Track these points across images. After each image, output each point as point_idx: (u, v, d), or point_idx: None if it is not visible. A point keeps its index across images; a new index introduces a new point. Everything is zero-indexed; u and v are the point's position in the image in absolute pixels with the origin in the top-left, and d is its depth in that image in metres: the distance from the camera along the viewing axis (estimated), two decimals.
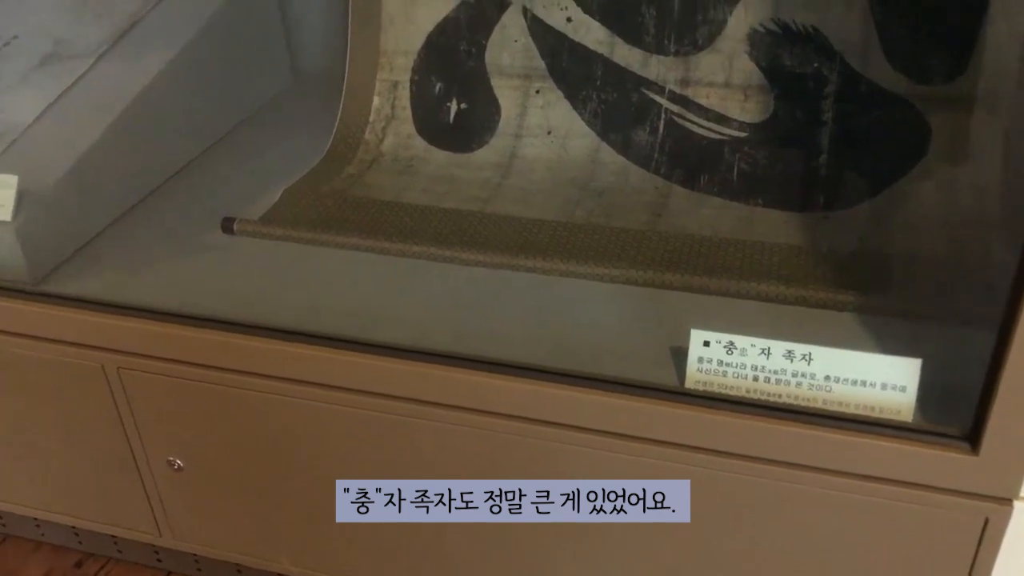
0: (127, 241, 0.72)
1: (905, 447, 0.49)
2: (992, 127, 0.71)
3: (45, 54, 0.82)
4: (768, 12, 0.75)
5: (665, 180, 0.77)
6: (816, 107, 0.75)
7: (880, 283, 0.63)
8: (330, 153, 0.83)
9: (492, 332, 0.60)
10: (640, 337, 0.59)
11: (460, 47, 0.83)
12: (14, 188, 0.65)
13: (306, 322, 0.61)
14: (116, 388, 0.63)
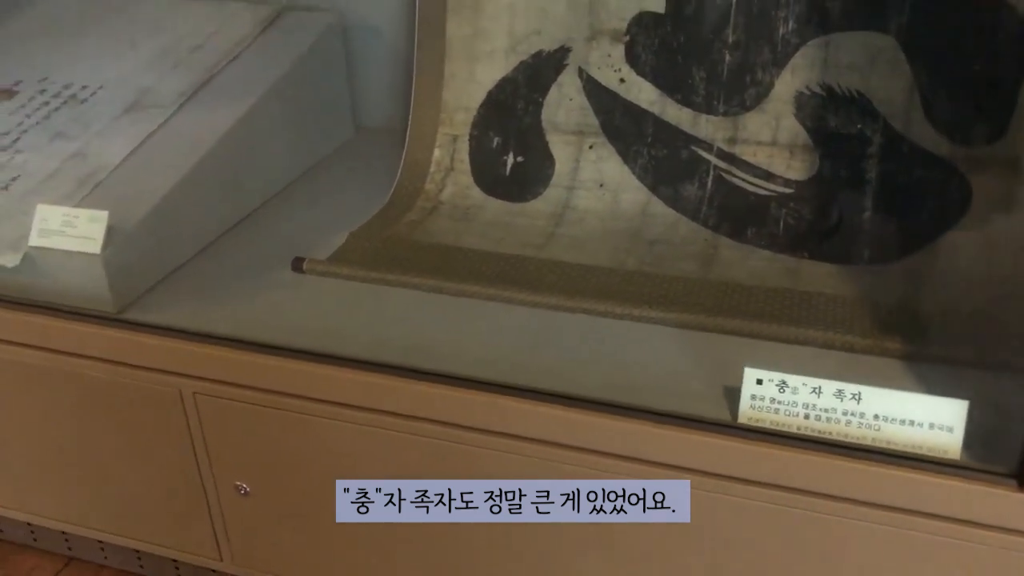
0: (203, 276, 0.76)
1: (953, 483, 0.51)
2: None
3: (129, 103, 0.88)
4: (814, 76, 0.79)
5: (714, 232, 0.80)
6: (860, 166, 0.78)
7: (924, 331, 0.66)
8: (392, 200, 0.87)
9: (550, 368, 0.63)
10: (692, 377, 0.62)
11: (518, 104, 0.87)
12: (104, 223, 0.69)
13: (371, 353, 0.64)
14: (191, 413, 0.67)
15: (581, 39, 0.85)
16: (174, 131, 0.83)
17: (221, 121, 0.84)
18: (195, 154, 0.80)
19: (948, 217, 0.75)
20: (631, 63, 0.84)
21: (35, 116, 0.87)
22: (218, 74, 0.90)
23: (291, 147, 0.93)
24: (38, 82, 0.92)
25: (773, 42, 0.79)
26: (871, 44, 0.77)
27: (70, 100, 0.89)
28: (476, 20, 0.87)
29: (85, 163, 0.80)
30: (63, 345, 0.69)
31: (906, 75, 0.76)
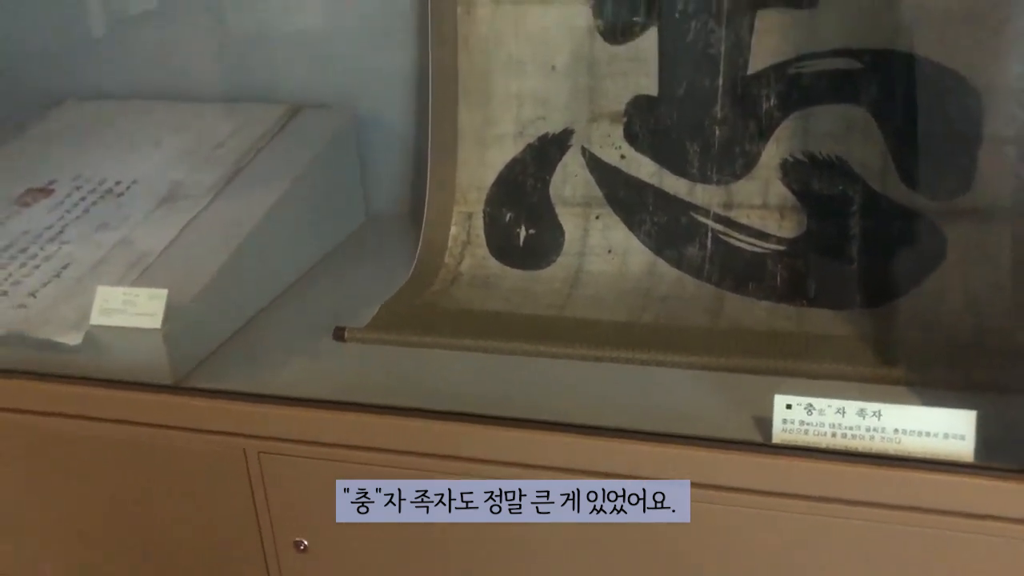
0: (250, 347, 0.81)
1: (972, 481, 0.57)
2: (998, 233, 0.82)
3: (164, 195, 0.93)
4: (796, 145, 0.88)
5: (717, 288, 0.88)
6: (844, 223, 0.87)
7: (918, 360, 0.73)
8: (415, 274, 0.93)
9: (591, 408, 0.68)
10: (724, 410, 0.68)
11: (527, 182, 0.95)
12: (164, 300, 0.74)
13: (424, 404, 0.69)
14: (254, 472, 0.71)
15: (583, 121, 0.93)
16: (211, 219, 0.89)
17: (254, 210, 0.90)
18: (235, 239, 0.86)
19: (928, 263, 0.83)
20: (630, 141, 0.92)
21: (75, 211, 0.93)
22: (244, 168, 0.97)
23: (313, 232, 0.99)
24: (71, 180, 0.98)
25: (758, 117, 0.88)
26: (846, 115, 0.86)
27: (106, 195, 0.95)
28: (486, 109, 0.95)
29: (131, 250, 0.85)
30: (124, 415, 0.73)
31: (879, 141, 0.86)
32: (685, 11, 0.88)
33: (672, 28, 0.89)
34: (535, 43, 0.93)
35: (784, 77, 0.87)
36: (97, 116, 1.11)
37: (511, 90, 0.94)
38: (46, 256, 0.86)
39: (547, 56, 0.93)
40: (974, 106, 0.82)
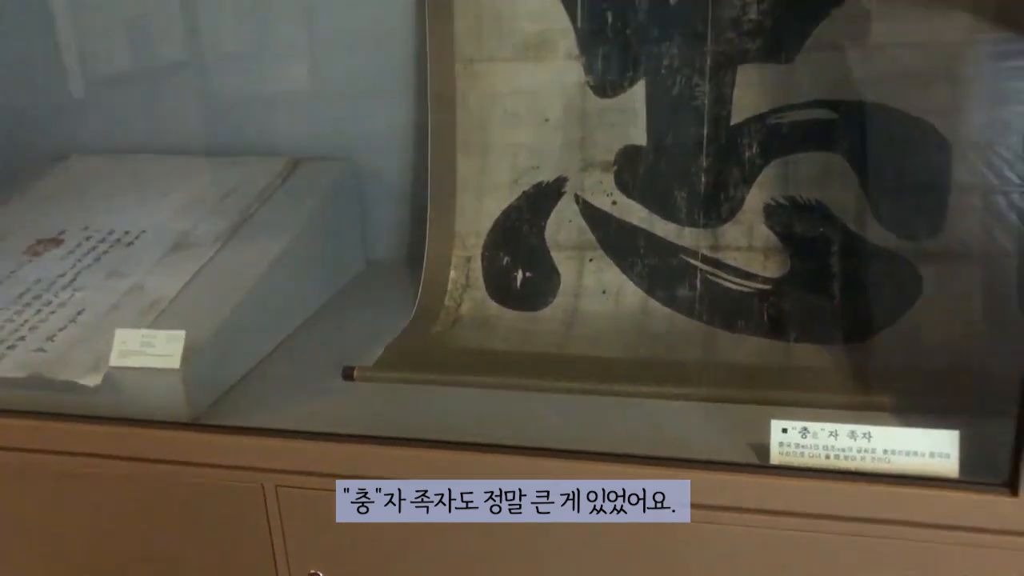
0: (263, 386, 0.84)
1: (958, 495, 0.61)
2: (968, 272, 0.88)
3: (173, 244, 0.97)
4: (778, 190, 0.93)
5: (708, 325, 0.92)
6: (825, 263, 0.92)
7: (900, 388, 0.77)
8: (416, 317, 0.97)
9: (595, 438, 0.72)
10: (723, 436, 0.71)
11: (523, 228, 0.99)
12: (182, 341, 0.77)
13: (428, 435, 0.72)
14: (271, 505, 0.73)
15: (575, 170, 0.98)
16: (220, 267, 0.92)
17: (261, 257, 0.93)
18: (244, 285, 0.89)
19: (905, 300, 0.88)
20: (620, 188, 0.97)
21: (86, 259, 0.96)
22: (250, 218, 1.00)
23: (317, 277, 1.03)
24: (81, 231, 1.01)
25: (741, 164, 0.94)
26: (824, 162, 0.91)
27: (116, 244, 0.98)
28: (483, 159, 1.00)
29: (144, 295, 0.88)
30: (143, 453, 0.75)
31: (855, 186, 0.91)
32: (671, 67, 0.94)
33: (659, 82, 0.94)
34: (529, 98, 0.98)
35: (765, 127, 0.92)
36: (102, 170, 1.15)
37: (507, 141, 0.99)
38: (60, 303, 0.88)
39: (541, 109, 0.98)
40: (943, 154, 0.88)
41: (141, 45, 1.21)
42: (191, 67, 1.19)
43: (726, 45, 0.91)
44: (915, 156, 0.89)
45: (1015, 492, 0.60)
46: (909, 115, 0.88)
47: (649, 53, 0.94)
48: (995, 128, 0.89)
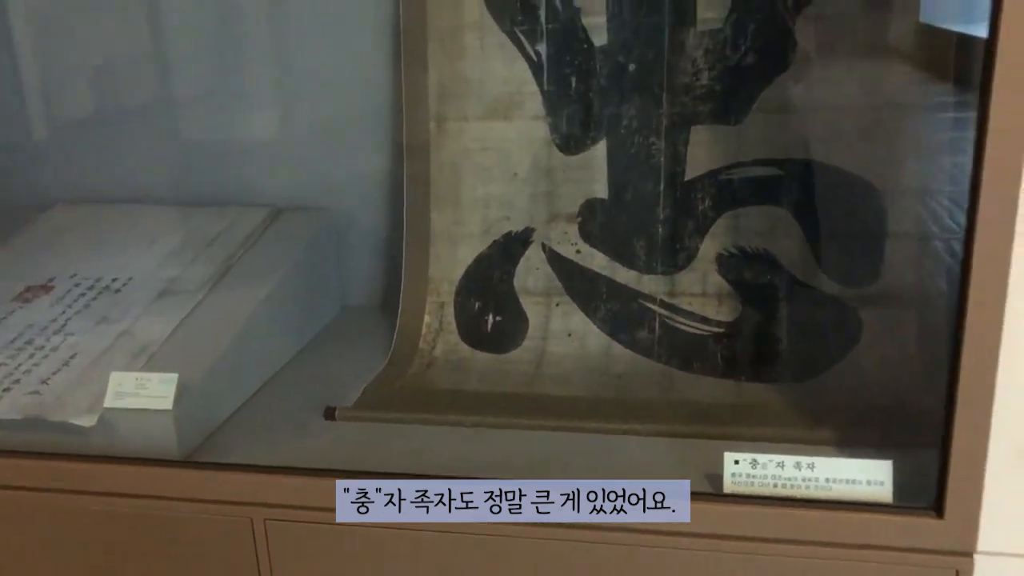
0: (249, 426, 0.89)
1: (888, 518, 0.67)
2: (905, 315, 0.95)
3: (160, 290, 1.01)
4: (729, 240, 1.01)
5: (666, 366, 0.99)
6: (774, 308, 0.99)
7: (842, 423, 0.84)
8: (392, 360, 1.02)
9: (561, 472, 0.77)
10: (679, 469, 0.77)
11: (494, 275, 1.06)
12: (175, 383, 0.82)
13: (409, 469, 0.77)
14: (260, 538, 0.77)
15: (542, 221, 1.05)
16: (206, 312, 0.97)
17: (246, 303, 0.98)
18: (231, 329, 0.94)
19: (847, 342, 0.95)
20: (584, 238, 1.04)
21: (75, 306, 1.00)
22: (234, 266, 1.05)
23: (298, 322, 1.08)
24: (70, 278, 1.06)
25: (695, 217, 1.01)
26: (771, 215, 0.99)
27: (104, 291, 1.02)
28: (456, 211, 1.06)
29: (134, 340, 0.93)
30: (136, 490, 0.79)
31: (799, 236, 0.98)
32: (629, 127, 1.01)
33: (619, 141, 1.02)
34: (499, 154, 1.05)
35: (716, 182, 1.00)
36: (87, 220, 1.19)
37: (478, 194, 1.06)
38: (53, 347, 0.93)
39: (510, 165, 1.05)
40: (879, 207, 0.96)
41: (120, 95, 1.26)
42: (172, 118, 1.25)
43: (680, 108, 0.99)
44: (853, 209, 0.97)
45: (941, 515, 0.67)
46: (847, 171, 0.96)
47: (610, 114, 1.01)
48: (926, 181, 0.97)
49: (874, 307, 0.96)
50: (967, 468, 0.66)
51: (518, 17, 1.02)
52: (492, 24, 1.03)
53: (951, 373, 0.66)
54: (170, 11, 1.21)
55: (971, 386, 0.65)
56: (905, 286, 0.96)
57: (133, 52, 1.23)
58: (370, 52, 1.13)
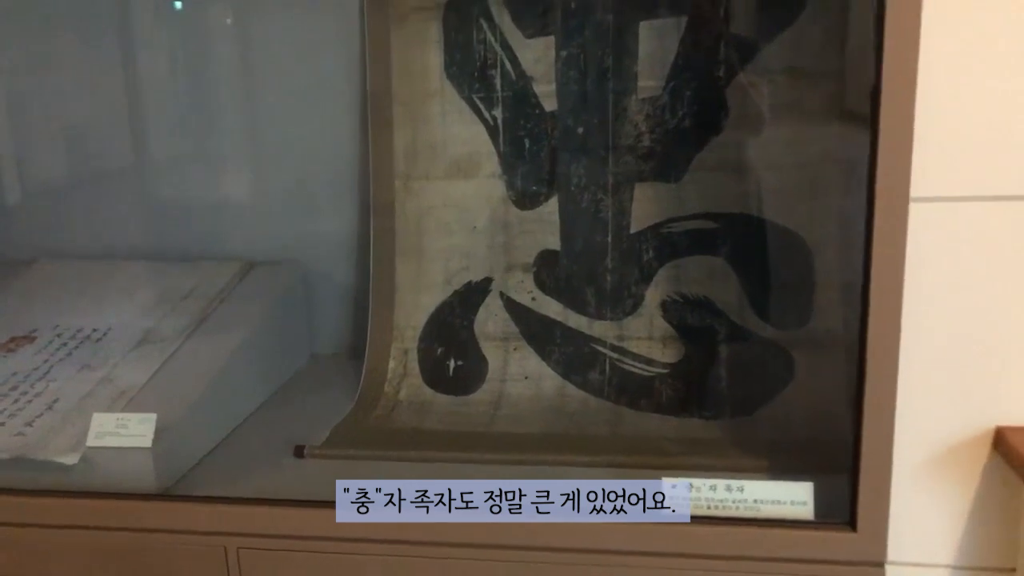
0: (221, 464, 0.94)
1: (808, 534, 0.75)
2: (833, 355, 1.04)
3: (138, 339, 1.07)
4: (672, 288, 1.09)
5: (615, 404, 1.06)
6: (714, 349, 1.07)
7: (775, 453, 0.91)
8: (359, 402, 1.08)
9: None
10: None
11: (455, 321, 1.13)
12: (153, 423, 0.88)
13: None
14: (233, 566, 0.83)
15: (500, 271, 1.13)
16: (183, 360, 1.03)
17: (220, 351, 1.05)
18: (206, 375, 1.00)
19: (781, 381, 1.03)
20: (539, 286, 1.12)
21: (58, 355, 1.05)
22: (208, 316, 1.12)
23: (269, 368, 1.15)
24: (52, 329, 1.11)
25: (640, 266, 1.09)
26: (708, 264, 1.08)
27: (85, 341, 1.08)
28: (419, 262, 1.14)
29: (114, 385, 0.98)
30: (116, 523, 0.85)
31: (736, 284, 1.07)
32: (579, 184, 1.10)
33: (569, 197, 1.11)
34: (460, 209, 1.13)
35: (659, 235, 1.08)
36: (68, 274, 1.25)
37: (440, 246, 1.14)
38: (36, 392, 0.98)
39: (470, 219, 1.13)
40: (807, 258, 1.05)
41: (100, 155, 1.33)
42: (149, 178, 1.32)
43: (624, 167, 1.08)
44: (784, 259, 1.06)
45: (855, 528, 0.74)
46: (777, 224, 1.05)
47: (561, 173, 1.10)
48: (849, 233, 1.06)
49: (805, 348, 1.04)
50: (875, 488, 0.74)
51: (476, 85, 1.11)
52: (452, 92, 1.12)
53: (856, 407, 0.74)
54: (148, 76, 1.29)
55: (874, 418, 0.73)
56: (832, 330, 1.04)
57: (110, 115, 1.30)
58: (339, 116, 1.22)
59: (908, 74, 0.66)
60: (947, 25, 0.71)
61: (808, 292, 1.05)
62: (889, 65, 0.67)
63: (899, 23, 0.66)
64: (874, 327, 0.71)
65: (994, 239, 0.73)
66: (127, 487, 0.87)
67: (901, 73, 0.66)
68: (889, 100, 0.66)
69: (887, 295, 0.70)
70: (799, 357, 1.04)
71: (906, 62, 0.66)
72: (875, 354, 0.71)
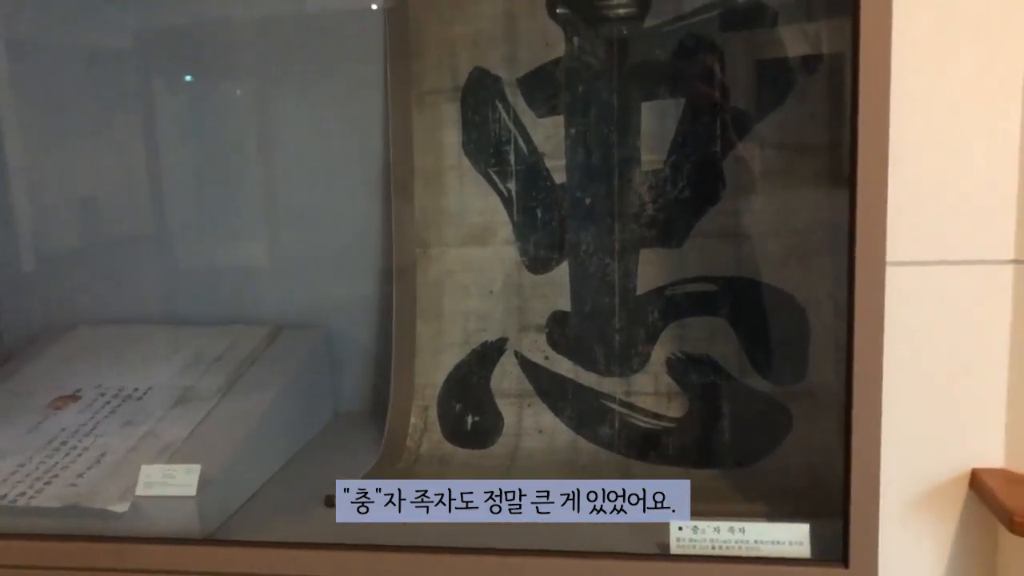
0: (256, 513, 1.01)
1: (805, 570, 0.81)
2: (827, 409, 1.11)
3: (177, 398, 1.15)
4: (676, 347, 1.17)
5: (625, 457, 1.13)
6: (716, 404, 1.14)
7: (776, 499, 0.98)
8: (383, 456, 1.15)
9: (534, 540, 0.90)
10: (634, 536, 0.91)
11: (472, 379, 1.20)
12: (198, 473, 0.95)
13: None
14: None
15: (515, 331, 1.21)
16: (220, 416, 1.10)
17: (253, 409, 1.12)
18: (242, 431, 1.07)
19: (780, 433, 1.10)
20: (552, 346, 1.20)
21: (102, 412, 1.13)
22: (242, 376, 1.19)
23: (296, 425, 1.22)
24: (95, 388, 1.19)
25: (646, 326, 1.17)
26: (710, 324, 1.15)
27: (127, 399, 1.16)
28: (438, 324, 1.22)
29: (158, 440, 1.05)
30: (164, 566, 0.91)
31: (736, 343, 1.15)
32: (588, 250, 1.18)
33: (579, 262, 1.19)
34: (477, 273, 1.21)
35: (663, 297, 1.16)
36: (107, 338, 1.33)
37: (458, 309, 1.22)
38: (84, 447, 1.05)
39: (486, 283, 1.21)
40: (802, 318, 1.13)
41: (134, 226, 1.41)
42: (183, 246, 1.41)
43: (630, 234, 1.17)
44: (779, 319, 1.14)
45: (847, 565, 0.81)
46: (773, 287, 1.13)
47: (570, 240, 1.19)
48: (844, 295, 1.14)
49: (802, 402, 1.11)
50: (864, 528, 0.80)
51: (491, 160, 1.20)
52: (469, 166, 1.21)
53: (845, 454, 0.81)
54: (179, 149, 1.38)
55: (861, 464, 0.80)
56: (826, 384, 1.11)
57: (142, 187, 1.39)
58: (361, 189, 1.31)
59: (880, 150, 0.75)
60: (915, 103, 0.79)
61: (803, 349, 1.13)
62: (863, 140, 0.75)
63: (871, 104, 0.75)
64: (858, 381, 0.78)
65: (966, 298, 0.81)
66: (172, 533, 0.93)
67: (873, 148, 0.75)
68: (864, 175, 0.75)
69: (869, 351, 0.78)
70: (796, 410, 1.11)
71: (878, 138, 0.75)
72: (860, 405, 0.79)
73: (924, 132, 0.81)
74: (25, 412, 1.14)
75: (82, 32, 1.37)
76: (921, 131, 0.81)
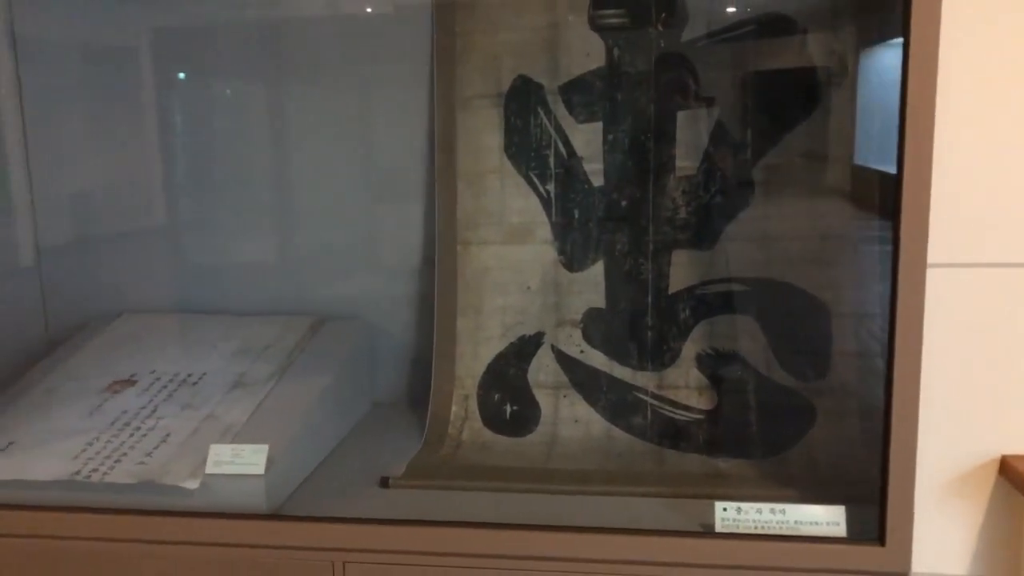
0: (316, 492, 1.06)
1: (843, 547, 0.88)
2: (850, 403, 1.17)
3: (233, 383, 1.20)
4: (706, 343, 1.23)
5: (658, 446, 1.19)
6: (744, 398, 1.21)
7: (804, 485, 1.04)
8: (426, 442, 1.21)
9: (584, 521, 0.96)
10: (681, 518, 0.97)
11: (510, 371, 1.26)
12: (266, 452, 1.00)
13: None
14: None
15: (551, 326, 1.27)
16: (277, 400, 1.16)
17: (305, 394, 1.17)
18: (297, 414, 1.13)
19: (805, 425, 1.17)
20: (587, 340, 1.26)
21: (160, 396, 1.18)
22: (293, 364, 1.25)
23: (344, 412, 1.27)
24: (150, 374, 1.24)
25: (677, 323, 1.24)
26: (739, 322, 1.22)
27: (183, 384, 1.21)
28: (477, 318, 1.28)
29: (219, 423, 1.10)
30: (232, 540, 0.96)
31: (762, 340, 1.21)
32: (623, 251, 1.25)
33: (614, 262, 1.25)
34: (515, 271, 1.27)
35: (694, 296, 1.23)
36: (152, 326, 1.38)
37: (497, 304, 1.27)
38: (148, 428, 1.10)
39: (524, 280, 1.27)
40: (825, 317, 1.19)
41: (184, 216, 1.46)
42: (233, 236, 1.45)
43: (663, 236, 1.23)
44: (804, 318, 1.20)
45: (883, 543, 0.87)
46: (798, 287, 1.20)
47: (606, 240, 1.25)
48: (862, 295, 1.21)
49: (826, 397, 1.18)
50: (900, 508, 0.87)
51: (532, 163, 1.26)
52: (511, 168, 1.27)
53: (884, 439, 0.87)
54: (229, 141, 1.43)
55: (899, 449, 0.87)
56: (848, 381, 1.18)
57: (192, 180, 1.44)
58: (402, 186, 1.37)
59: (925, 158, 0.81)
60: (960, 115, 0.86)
61: (827, 348, 1.19)
62: (909, 149, 0.82)
63: (917, 117, 0.82)
64: (898, 374, 0.85)
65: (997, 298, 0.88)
66: (240, 508, 0.98)
67: (919, 158, 0.82)
68: (909, 181, 0.81)
69: (909, 346, 0.84)
70: (820, 405, 1.17)
71: (923, 148, 0.82)
72: (899, 395, 0.85)
73: (967, 139, 0.87)
74: (83, 395, 1.19)
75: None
76: (964, 138, 0.87)
